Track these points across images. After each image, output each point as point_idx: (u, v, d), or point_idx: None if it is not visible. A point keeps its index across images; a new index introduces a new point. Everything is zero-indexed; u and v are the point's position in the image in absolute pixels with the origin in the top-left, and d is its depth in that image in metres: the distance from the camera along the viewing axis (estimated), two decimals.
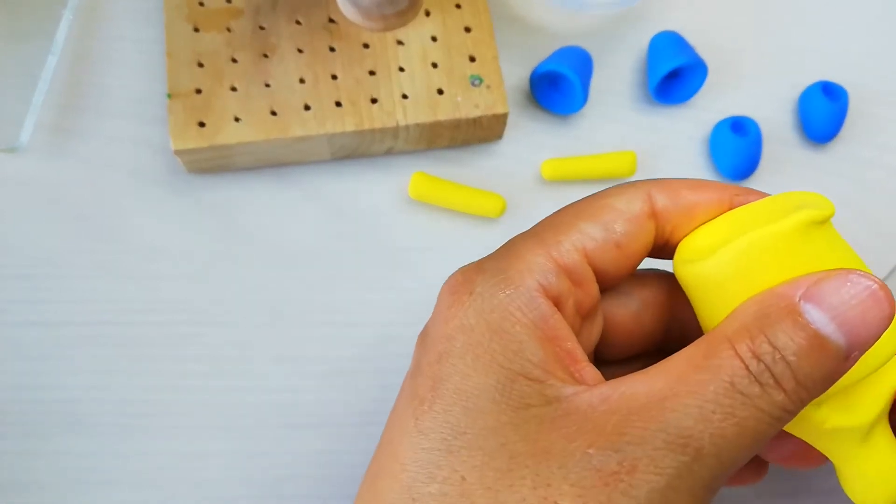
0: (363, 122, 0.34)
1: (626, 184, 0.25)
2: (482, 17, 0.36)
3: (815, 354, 0.20)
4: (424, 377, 0.22)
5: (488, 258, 0.24)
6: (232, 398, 0.33)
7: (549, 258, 0.23)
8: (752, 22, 0.40)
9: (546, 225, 0.24)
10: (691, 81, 0.37)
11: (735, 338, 0.21)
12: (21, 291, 0.34)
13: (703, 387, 0.20)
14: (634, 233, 0.24)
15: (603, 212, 0.24)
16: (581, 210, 0.24)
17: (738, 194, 0.25)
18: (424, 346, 0.23)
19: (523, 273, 0.22)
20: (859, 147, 0.38)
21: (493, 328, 0.22)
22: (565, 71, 0.35)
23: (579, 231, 0.23)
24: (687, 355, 0.21)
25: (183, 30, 0.35)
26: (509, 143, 0.37)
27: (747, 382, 0.20)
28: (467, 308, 0.22)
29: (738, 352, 0.20)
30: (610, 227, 0.24)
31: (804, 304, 0.21)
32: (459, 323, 0.22)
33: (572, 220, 0.24)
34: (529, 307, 0.22)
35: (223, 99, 0.34)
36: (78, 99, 0.37)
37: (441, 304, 0.23)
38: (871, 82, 0.39)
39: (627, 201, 0.24)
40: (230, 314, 0.34)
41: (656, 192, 0.24)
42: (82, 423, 0.32)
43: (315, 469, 0.32)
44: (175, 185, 0.36)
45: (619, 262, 0.24)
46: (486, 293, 0.22)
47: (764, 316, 0.21)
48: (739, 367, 0.20)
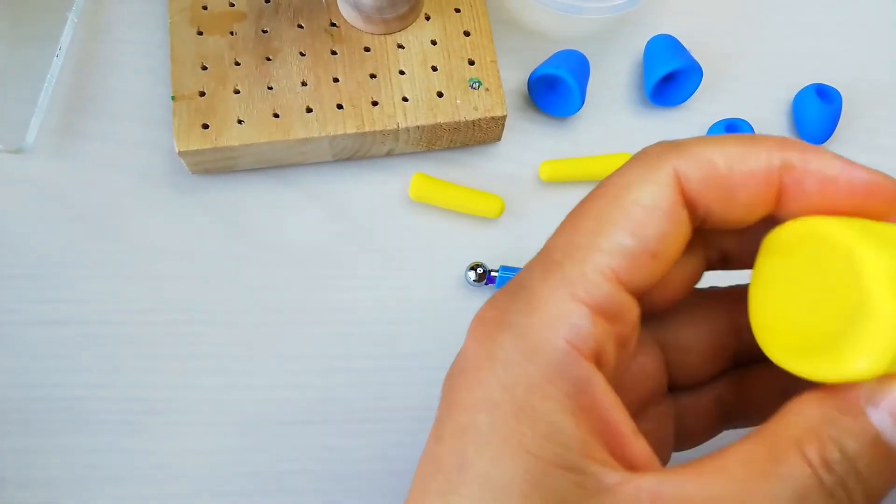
0: (364, 125, 0.34)
1: (644, 158, 0.20)
2: (481, 22, 0.37)
3: (884, 466, 0.18)
4: (449, 450, 0.20)
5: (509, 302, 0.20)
6: (235, 396, 0.33)
7: (575, 300, 0.19)
8: (747, 25, 0.41)
9: (563, 248, 0.20)
10: (686, 84, 0.38)
11: (804, 441, 0.18)
12: (26, 291, 0.34)
13: (773, 498, 0.18)
14: (669, 233, 0.20)
15: (627, 214, 0.20)
16: (600, 216, 0.20)
17: (788, 164, 0.20)
18: (448, 405, 0.20)
19: (548, 331, 0.19)
20: (853, 149, 0.38)
21: (520, 405, 0.19)
22: (563, 74, 0.36)
23: (604, 250, 0.19)
24: (746, 455, 0.18)
25: (187, 33, 0.36)
26: (508, 145, 0.38)
27: (821, 497, 0.18)
28: (491, 378, 0.19)
29: (808, 459, 0.18)
30: (639, 233, 0.19)
31: (871, 409, 0.18)
32: (483, 394, 0.19)
33: (592, 235, 0.20)
34: (560, 376, 0.19)
35: (226, 101, 0.34)
36: (83, 101, 0.37)
37: (465, 356, 0.20)
38: (864, 85, 0.39)
39: (653, 192, 0.20)
40: (233, 313, 0.34)
41: (685, 166, 0.20)
42: (87, 421, 0.33)
43: (317, 465, 0.33)
44: (179, 186, 0.36)
45: (657, 271, 0.20)
46: (510, 360, 0.19)
47: (832, 419, 0.18)
48: (812, 477, 0.18)
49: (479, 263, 0.35)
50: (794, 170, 0.20)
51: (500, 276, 0.34)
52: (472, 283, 0.35)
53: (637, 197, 0.20)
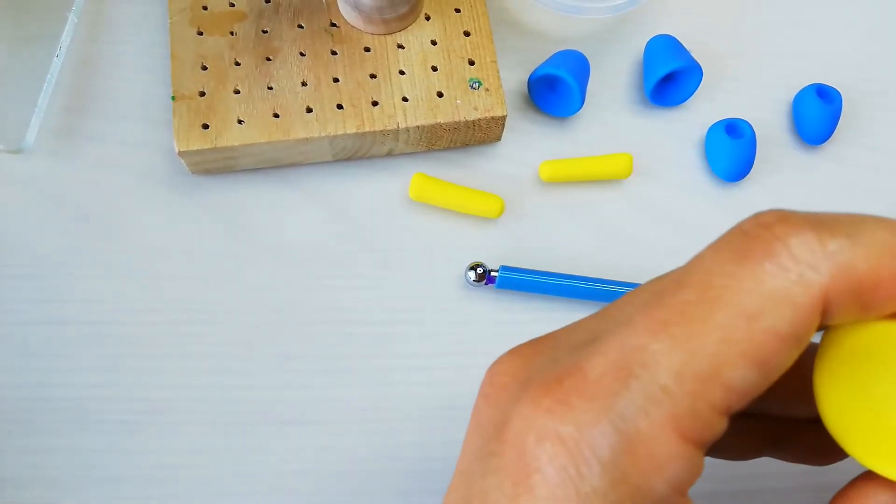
0: (364, 125, 0.34)
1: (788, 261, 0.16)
2: (481, 22, 0.37)
3: None
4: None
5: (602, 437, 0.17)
6: (235, 395, 0.33)
7: (683, 441, 0.16)
8: (747, 25, 0.41)
9: (677, 373, 0.16)
10: (686, 84, 0.38)
11: None
12: (27, 291, 0.34)
13: None
14: (797, 353, 0.17)
15: (760, 344, 0.16)
16: (726, 339, 0.16)
17: None
18: (511, 480, 0.17)
19: (650, 474, 0.16)
20: (853, 149, 0.39)
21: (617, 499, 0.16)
22: (563, 74, 0.36)
23: (724, 386, 0.16)
24: None
25: (187, 33, 0.36)
26: (508, 145, 0.38)
27: None
28: (578, 461, 0.16)
29: None
30: (766, 367, 0.16)
31: None
32: (572, 488, 0.16)
33: (713, 363, 0.16)
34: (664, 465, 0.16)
35: (226, 101, 0.34)
36: (83, 101, 0.37)
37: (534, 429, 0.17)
38: (864, 85, 0.39)
39: (792, 319, 0.16)
40: (233, 313, 0.34)
41: (839, 292, 0.16)
42: (88, 421, 0.33)
43: (318, 465, 0.33)
44: (179, 186, 0.36)
45: (763, 387, 0.17)
46: (599, 492, 0.16)
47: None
48: None
49: (479, 263, 0.35)
50: None
51: (500, 276, 0.34)
52: (472, 283, 0.35)
53: (773, 325, 0.16)
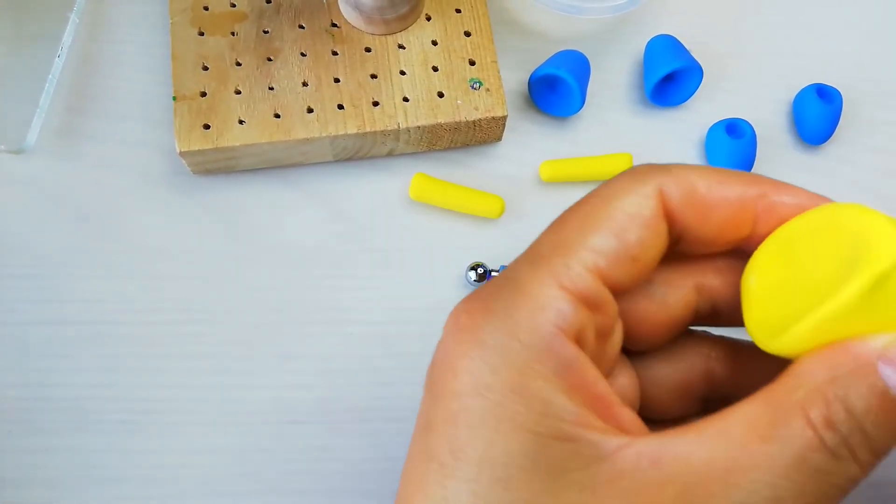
0: (365, 125, 0.34)
1: (631, 174, 0.22)
2: (482, 22, 0.37)
3: (891, 421, 0.18)
4: (440, 438, 0.20)
5: (495, 293, 0.21)
6: (235, 395, 0.33)
7: (560, 289, 0.20)
8: (747, 25, 0.41)
9: (550, 245, 0.21)
10: (687, 84, 0.38)
11: (807, 403, 0.18)
12: (27, 291, 0.34)
13: (772, 461, 0.18)
14: (649, 240, 0.21)
15: (613, 219, 0.21)
16: (587, 218, 0.21)
17: (765, 192, 0.21)
18: (434, 396, 0.21)
19: (536, 315, 0.20)
20: (853, 149, 0.38)
21: (512, 386, 0.19)
22: (563, 74, 0.36)
23: (589, 248, 0.20)
24: (748, 418, 0.19)
25: (188, 33, 0.36)
26: (508, 146, 0.38)
27: (823, 458, 0.18)
28: (479, 363, 0.20)
29: (811, 421, 0.18)
30: (623, 237, 0.21)
31: (882, 366, 0.18)
32: (473, 380, 0.20)
33: (578, 234, 0.21)
34: (549, 355, 0.19)
35: (227, 102, 0.35)
36: (84, 101, 0.37)
37: (448, 349, 0.21)
38: (864, 85, 0.39)
39: (638, 203, 0.21)
40: (233, 313, 0.34)
41: (668, 185, 0.21)
42: (88, 421, 0.33)
43: (317, 464, 0.33)
44: (180, 186, 0.36)
45: (635, 273, 0.21)
46: (498, 345, 0.20)
47: (838, 378, 0.19)
48: (813, 439, 0.18)
49: (479, 263, 0.35)
50: (766, 198, 0.22)
51: None
52: (473, 283, 0.35)
53: (621, 205, 0.21)
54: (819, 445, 0.18)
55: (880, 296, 0.19)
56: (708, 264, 0.23)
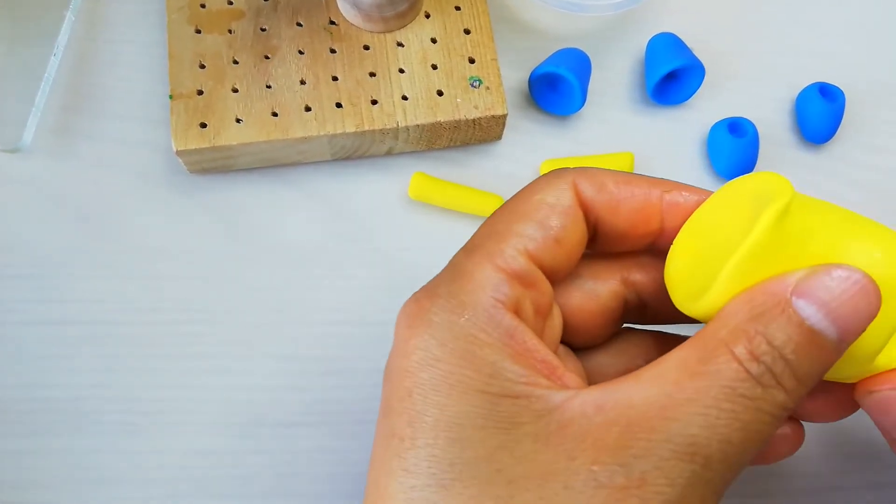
0: (363, 123, 0.34)
1: (551, 174, 0.24)
2: (481, 20, 0.36)
3: (811, 350, 0.20)
4: (398, 415, 0.21)
5: (438, 281, 0.23)
6: (234, 396, 0.33)
7: (496, 269, 0.22)
8: (750, 24, 0.40)
9: (484, 235, 0.24)
10: (689, 83, 0.38)
11: (731, 340, 0.20)
12: (24, 291, 0.34)
13: (704, 393, 0.20)
14: (569, 226, 0.23)
15: (536, 209, 0.23)
16: (514, 211, 0.24)
17: (667, 190, 0.24)
18: (391, 382, 0.22)
19: (476, 292, 0.22)
20: (856, 148, 0.38)
21: (461, 355, 0.21)
22: (564, 72, 0.36)
23: (517, 234, 0.23)
24: (680, 360, 0.21)
25: (185, 31, 0.35)
26: (508, 144, 0.37)
27: (749, 385, 0.20)
28: (428, 339, 0.21)
29: (736, 355, 0.20)
30: (545, 223, 0.23)
31: (796, 300, 0.20)
32: (423, 356, 0.21)
33: (508, 224, 0.23)
34: (492, 326, 0.21)
35: (225, 100, 0.34)
36: (80, 100, 0.37)
37: (399, 337, 0.22)
38: (867, 84, 0.39)
39: (556, 195, 0.24)
40: (232, 313, 0.34)
41: (581, 181, 0.24)
42: (86, 422, 0.32)
43: (316, 466, 0.32)
44: (177, 185, 0.36)
45: (561, 256, 0.24)
46: (444, 321, 0.21)
47: (758, 315, 0.20)
48: (739, 370, 0.20)
49: None
50: (668, 195, 0.24)
51: None
52: None
53: (543, 197, 0.24)
54: (745, 375, 0.20)
55: (785, 235, 0.21)
56: (632, 260, 0.26)
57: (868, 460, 0.33)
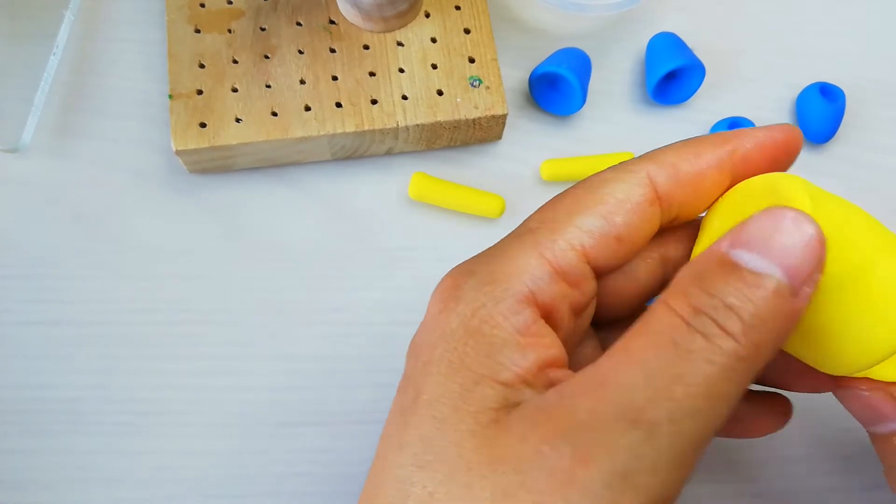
0: (363, 123, 0.34)
1: (623, 165, 0.23)
2: (481, 19, 0.36)
3: (756, 293, 0.19)
4: (410, 387, 0.21)
5: (480, 259, 0.22)
6: (232, 396, 0.33)
7: (542, 260, 0.21)
8: (750, 23, 0.40)
9: (541, 220, 0.22)
10: (689, 83, 0.38)
11: (671, 298, 0.20)
12: (23, 291, 0.34)
13: (643, 353, 0.19)
14: (636, 223, 0.22)
15: (601, 202, 0.22)
16: (578, 201, 0.22)
17: (735, 149, 0.23)
18: (414, 354, 0.22)
19: (512, 277, 0.21)
20: (856, 148, 0.38)
21: (471, 331, 0.21)
22: (564, 72, 0.36)
23: (576, 226, 0.22)
24: (629, 332, 0.20)
25: (184, 31, 0.35)
26: (508, 144, 0.37)
27: (689, 337, 0.19)
28: (451, 315, 0.21)
29: (675, 310, 0.19)
30: (610, 219, 0.22)
31: (732, 251, 0.20)
32: (443, 331, 0.21)
33: (568, 214, 0.22)
34: (512, 312, 0.21)
35: (224, 100, 0.34)
36: (79, 99, 0.37)
37: (430, 310, 0.22)
38: (868, 83, 0.39)
39: (627, 189, 0.22)
40: (231, 313, 0.34)
41: (655, 172, 0.22)
42: (84, 422, 0.32)
43: (315, 466, 0.32)
44: (176, 185, 0.36)
45: (619, 254, 0.23)
46: (470, 298, 0.21)
47: (698, 274, 0.20)
48: (678, 323, 0.19)
49: None
50: (737, 152, 0.23)
51: None
52: None
53: (611, 190, 0.22)
54: (684, 326, 0.19)
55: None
56: (669, 235, 0.25)
57: (868, 461, 0.33)
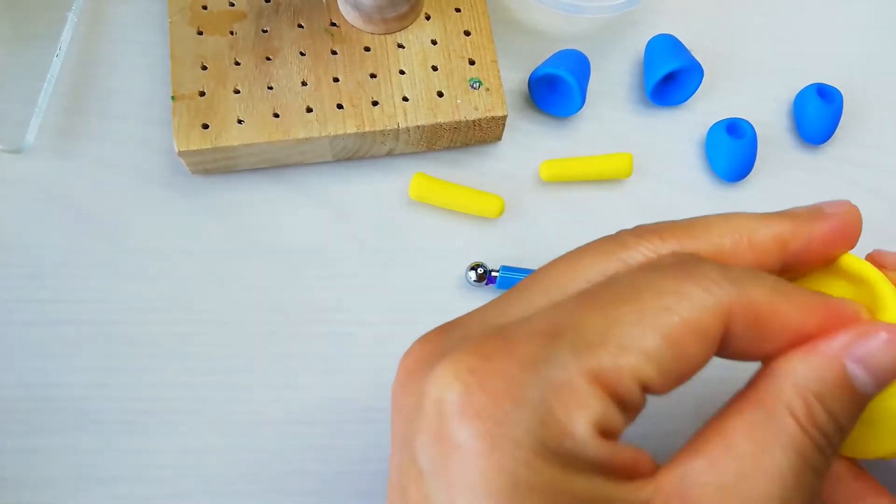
0: (364, 125, 0.34)
1: (698, 276, 0.20)
2: (481, 21, 0.36)
3: (856, 410, 0.21)
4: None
5: (522, 373, 0.19)
6: (234, 395, 0.33)
7: (604, 393, 0.19)
8: (748, 25, 0.41)
9: (595, 329, 0.19)
10: (687, 84, 0.38)
11: (793, 406, 0.20)
12: (26, 291, 0.34)
13: (780, 470, 0.19)
14: (701, 359, 0.20)
15: (664, 321, 0.19)
16: (641, 311, 0.19)
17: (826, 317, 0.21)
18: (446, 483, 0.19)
19: (576, 413, 0.18)
20: (853, 149, 0.38)
21: (556, 483, 0.18)
22: (563, 74, 0.36)
23: (643, 354, 0.19)
24: (746, 428, 0.20)
25: (187, 33, 0.36)
26: (508, 145, 0.38)
27: (816, 457, 0.20)
28: (515, 459, 0.18)
29: (801, 424, 0.20)
30: (678, 351, 0.19)
31: (849, 364, 0.21)
32: (509, 481, 0.18)
33: (631, 326, 0.19)
34: (590, 452, 0.18)
35: (226, 101, 0.34)
36: (82, 101, 0.37)
37: (461, 430, 0.18)
38: (865, 84, 0.39)
39: (702, 317, 0.19)
40: (233, 313, 0.34)
41: (736, 307, 0.20)
42: (87, 421, 0.33)
43: (316, 465, 0.32)
44: (178, 186, 0.36)
45: (674, 387, 0.20)
46: (534, 443, 0.18)
47: (814, 377, 0.20)
48: (807, 442, 0.20)
49: (479, 263, 0.35)
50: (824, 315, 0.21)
51: (500, 276, 0.34)
52: (473, 283, 0.34)
53: (688, 316, 0.19)
54: (812, 446, 0.20)
55: None
56: None
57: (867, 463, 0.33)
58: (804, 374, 0.20)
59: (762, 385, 0.21)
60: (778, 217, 0.22)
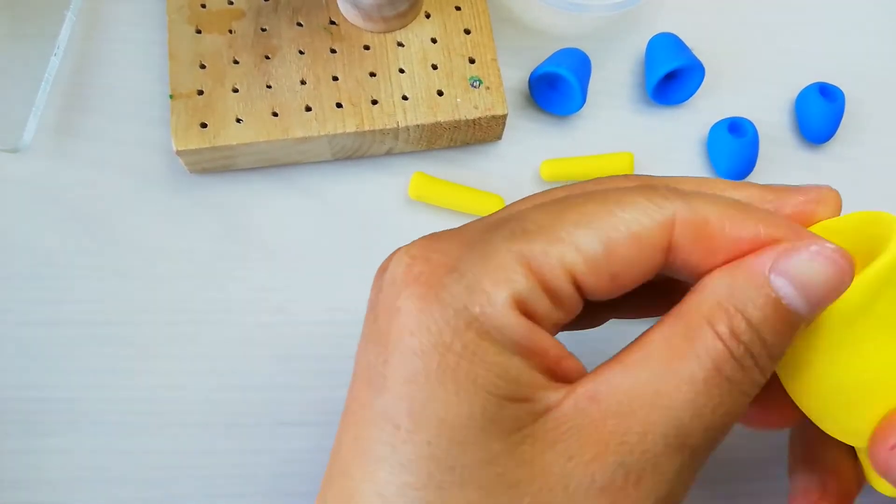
0: (364, 123, 0.34)
1: (649, 191, 0.21)
2: (482, 20, 0.36)
3: (785, 329, 0.20)
4: (395, 398, 0.20)
5: (460, 251, 0.21)
6: (234, 396, 0.33)
7: (530, 274, 0.20)
8: (749, 24, 0.40)
9: (538, 223, 0.21)
10: (689, 83, 0.38)
11: (713, 317, 0.20)
12: (24, 291, 0.34)
13: (691, 376, 0.20)
14: (638, 264, 0.21)
15: (611, 227, 0.20)
16: (588, 218, 0.20)
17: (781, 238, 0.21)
18: (385, 348, 0.20)
19: (499, 285, 0.20)
20: (856, 147, 0.38)
21: (474, 350, 0.20)
22: (564, 72, 0.36)
23: (574, 246, 0.20)
24: (664, 338, 0.20)
25: (185, 31, 0.35)
26: (508, 144, 0.37)
27: (732, 368, 0.20)
28: (438, 320, 0.20)
29: (719, 334, 0.20)
30: (612, 251, 0.20)
31: (774, 277, 0.20)
32: (433, 340, 0.20)
33: (570, 224, 0.20)
34: (508, 325, 0.20)
35: (225, 100, 0.34)
36: (80, 100, 0.37)
37: (399, 297, 0.20)
38: (867, 83, 0.39)
39: (643, 224, 0.20)
40: (232, 313, 0.34)
41: (683, 220, 0.21)
42: (85, 422, 0.32)
43: (317, 466, 0.32)
44: (177, 185, 0.36)
45: (610, 289, 0.21)
46: (458, 306, 0.20)
47: (737, 291, 0.20)
48: (723, 351, 0.20)
49: None
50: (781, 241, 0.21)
51: None
52: None
53: (629, 221, 0.20)
54: (728, 356, 0.20)
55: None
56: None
57: None
58: (727, 288, 0.20)
59: (687, 299, 0.21)
60: (753, 186, 0.23)
